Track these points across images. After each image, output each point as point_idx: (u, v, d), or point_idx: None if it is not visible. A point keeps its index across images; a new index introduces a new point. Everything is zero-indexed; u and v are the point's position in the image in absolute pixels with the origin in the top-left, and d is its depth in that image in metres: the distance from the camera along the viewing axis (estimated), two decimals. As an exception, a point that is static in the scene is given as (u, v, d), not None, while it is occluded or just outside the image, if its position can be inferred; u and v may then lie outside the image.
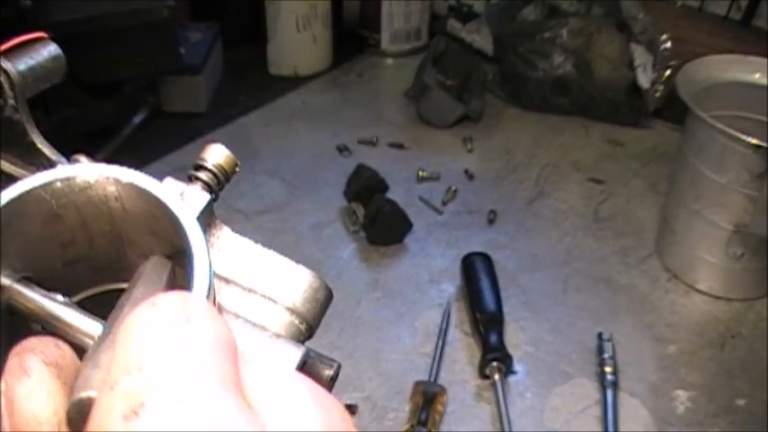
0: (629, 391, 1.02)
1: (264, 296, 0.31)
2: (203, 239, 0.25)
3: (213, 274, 0.28)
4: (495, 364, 1.01)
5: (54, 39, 0.38)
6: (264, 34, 1.71)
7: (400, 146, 1.52)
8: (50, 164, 0.33)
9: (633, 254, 1.27)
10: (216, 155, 0.33)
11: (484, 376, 1.02)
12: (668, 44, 1.53)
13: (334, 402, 0.24)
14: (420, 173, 1.42)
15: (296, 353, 0.28)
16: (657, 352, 1.09)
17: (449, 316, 1.12)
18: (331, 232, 1.29)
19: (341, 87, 1.73)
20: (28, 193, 0.26)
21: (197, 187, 0.32)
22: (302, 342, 0.30)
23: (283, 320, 0.30)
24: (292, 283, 0.31)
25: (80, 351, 0.25)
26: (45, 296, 0.26)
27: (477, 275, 1.13)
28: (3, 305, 0.26)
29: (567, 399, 1.01)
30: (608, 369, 1.03)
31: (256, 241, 0.34)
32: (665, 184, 1.28)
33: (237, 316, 0.29)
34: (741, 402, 1.02)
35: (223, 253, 0.31)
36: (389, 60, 1.84)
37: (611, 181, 1.44)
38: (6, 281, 0.26)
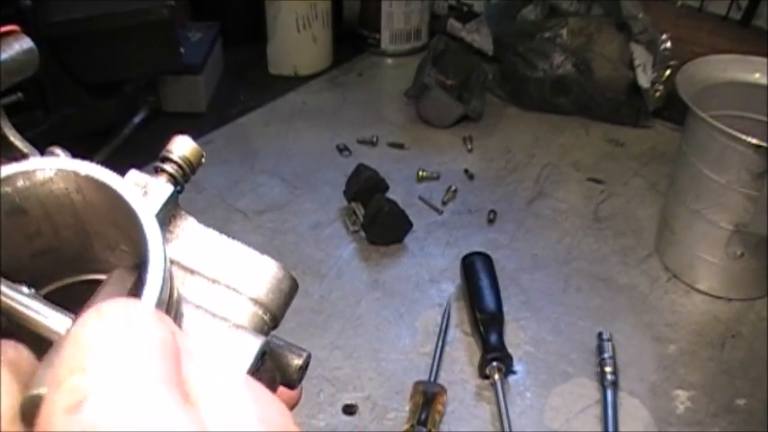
0: (629, 390, 1.02)
1: (228, 287, 0.31)
2: (159, 233, 0.26)
3: (172, 267, 0.28)
4: (495, 363, 1.01)
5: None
6: (264, 34, 1.71)
7: (400, 146, 1.52)
8: (23, 156, 0.33)
9: (633, 254, 1.27)
10: (182, 147, 0.33)
11: (484, 376, 1.02)
12: (668, 44, 1.53)
13: (274, 400, 0.25)
14: (420, 173, 1.42)
15: (255, 343, 0.28)
16: (657, 352, 1.09)
17: (449, 316, 1.12)
18: (331, 232, 1.29)
19: (341, 87, 1.73)
20: None
21: (162, 179, 0.31)
22: (266, 333, 0.31)
23: (247, 311, 0.30)
24: (257, 273, 0.31)
25: (47, 344, 0.26)
26: (11, 288, 0.27)
27: (476, 275, 1.13)
28: None
29: (566, 398, 1.01)
30: (608, 369, 1.03)
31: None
32: (665, 184, 1.28)
33: (199, 307, 0.29)
34: (741, 402, 1.02)
35: (188, 243, 0.31)
36: (389, 60, 1.84)
37: (611, 181, 1.44)
38: None
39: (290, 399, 0.36)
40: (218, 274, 0.31)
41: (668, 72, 1.52)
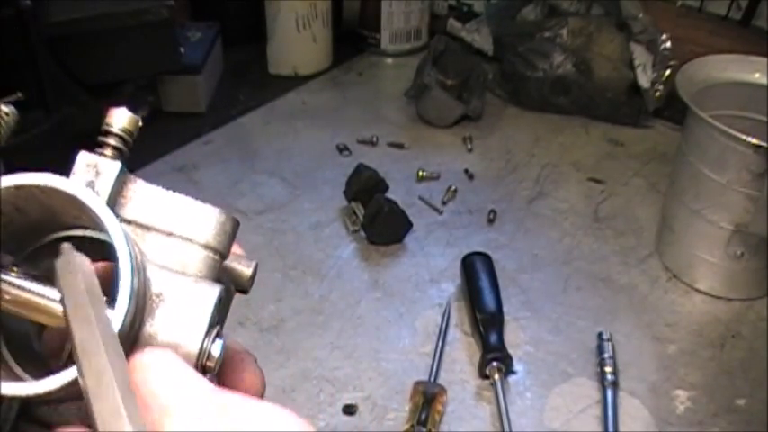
0: (629, 390, 1.02)
1: (182, 237, 0.35)
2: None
3: (130, 226, 0.34)
4: (495, 363, 1.01)
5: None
6: (264, 34, 1.71)
7: (400, 146, 1.52)
8: None
9: (633, 254, 1.27)
10: (120, 119, 0.36)
11: (484, 376, 1.02)
12: (668, 44, 1.53)
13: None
14: (420, 173, 1.42)
15: (214, 291, 0.32)
16: (657, 352, 1.09)
17: (449, 316, 1.12)
18: (331, 232, 1.29)
19: (341, 87, 1.73)
20: None
21: (109, 156, 0.36)
22: (217, 270, 0.35)
23: (200, 256, 0.35)
24: (203, 221, 0.36)
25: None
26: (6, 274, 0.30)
27: (476, 275, 1.13)
28: None
29: (566, 398, 1.01)
30: (608, 369, 1.03)
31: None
32: (665, 184, 1.28)
33: (163, 267, 0.33)
34: (741, 402, 1.02)
35: (141, 203, 0.35)
36: (389, 60, 1.84)
37: (611, 181, 1.44)
38: None
39: (255, 387, 0.41)
40: (171, 226, 0.35)
41: (668, 72, 1.52)
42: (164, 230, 0.35)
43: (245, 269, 0.40)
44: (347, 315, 1.13)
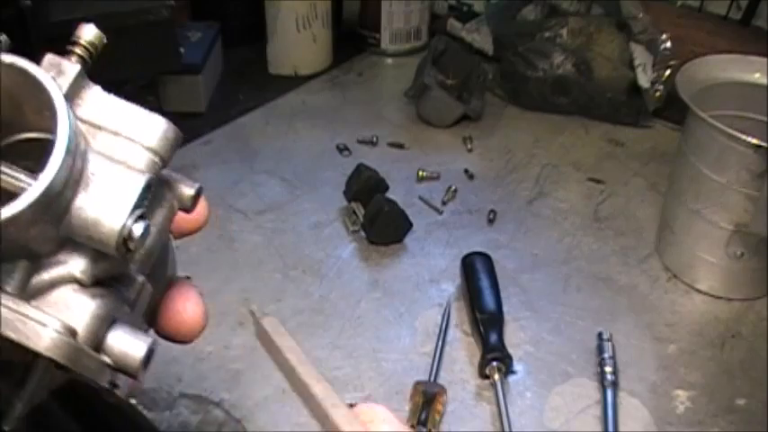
0: (629, 390, 1.02)
1: (128, 138, 0.39)
2: (63, 99, 0.34)
3: (82, 125, 0.38)
4: (495, 363, 1.01)
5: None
6: (264, 34, 1.71)
7: (400, 146, 1.52)
8: None
9: (633, 253, 1.27)
10: (88, 33, 0.42)
11: (484, 376, 1.02)
12: (668, 44, 1.53)
13: None
14: (420, 173, 1.42)
15: (143, 176, 0.36)
16: (657, 352, 1.09)
17: (449, 316, 1.12)
18: (331, 232, 1.29)
19: (341, 87, 1.73)
20: None
21: (72, 61, 0.40)
22: (157, 172, 0.40)
23: (143, 156, 0.39)
24: (149, 126, 0.40)
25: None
26: None
27: (476, 275, 1.13)
28: None
29: (566, 398, 1.01)
30: (608, 369, 1.03)
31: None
32: (665, 184, 1.28)
33: (109, 158, 0.37)
34: (741, 402, 1.02)
35: (95, 106, 0.40)
36: (389, 60, 1.84)
37: (611, 181, 1.44)
38: None
39: (194, 221, 0.48)
40: (119, 127, 0.39)
41: (668, 72, 1.52)
42: (112, 130, 0.39)
43: (188, 189, 0.45)
44: (347, 315, 1.13)
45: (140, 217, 0.35)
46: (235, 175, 1.41)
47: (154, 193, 0.38)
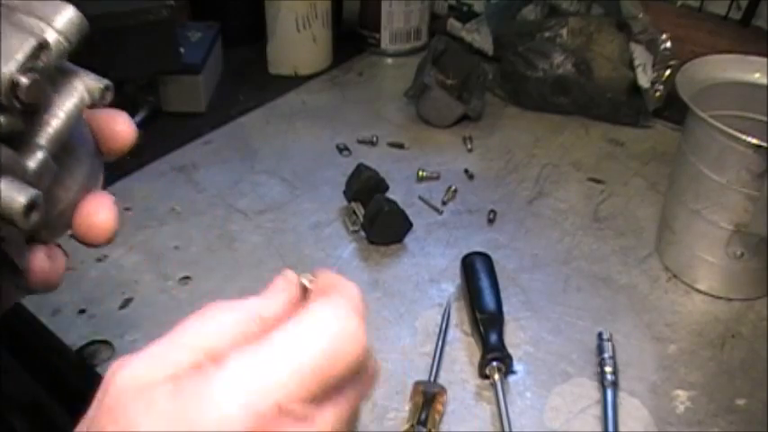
0: (629, 390, 1.02)
1: (40, 18, 0.45)
2: None
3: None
4: (495, 363, 1.01)
5: None
6: (264, 34, 1.71)
7: (400, 146, 1.52)
8: None
9: (633, 253, 1.27)
10: None
11: (484, 376, 1.02)
12: (668, 44, 1.53)
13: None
14: (420, 173, 1.42)
15: (32, 38, 0.43)
16: (657, 352, 1.09)
17: (449, 316, 1.12)
18: (331, 232, 1.29)
19: (341, 87, 1.73)
20: None
21: None
22: (64, 54, 0.48)
23: (52, 36, 0.45)
24: (58, 11, 0.47)
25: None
26: None
27: (476, 275, 1.13)
28: None
29: (566, 398, 1.01)
30: (608, 369, 1.03)
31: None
32: (665, 184, 1.28)
33: (18, 26, 0.43)
34: (741, 402, 1.02)
35: None
36: (389, 60, 1.84)
37: (611, 180, 1.44)
38: None
39: (120, 138, 0.53)
40: (31, 9, 0.45)
41: (668, 72, 1.52)
42: (24, 10, 0.45)
43: (97, 82, 0.52)
44: (347, 315, 1.13)
45: (32, 74, 0.41)
46: (235, 175, 1.41)
47: (64, 82, 0.46)
